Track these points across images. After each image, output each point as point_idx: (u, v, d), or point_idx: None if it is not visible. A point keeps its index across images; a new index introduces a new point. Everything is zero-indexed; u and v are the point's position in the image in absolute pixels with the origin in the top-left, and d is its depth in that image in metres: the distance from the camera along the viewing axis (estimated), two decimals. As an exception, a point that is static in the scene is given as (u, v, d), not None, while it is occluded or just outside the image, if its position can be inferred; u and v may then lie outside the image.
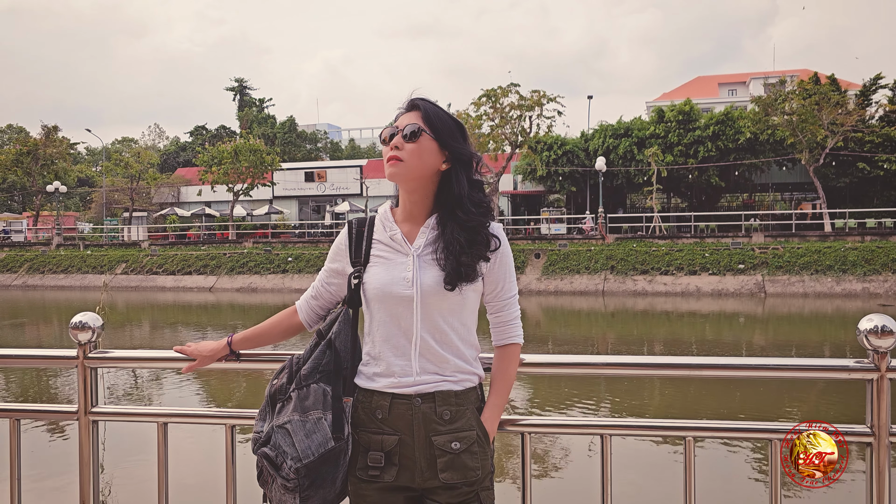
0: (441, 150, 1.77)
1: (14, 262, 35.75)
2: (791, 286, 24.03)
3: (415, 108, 1.79)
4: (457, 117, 1.85)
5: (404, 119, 1.78)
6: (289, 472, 1.70)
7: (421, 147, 1.74)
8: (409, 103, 1.80)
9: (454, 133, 1.78)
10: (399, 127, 1.77)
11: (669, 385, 10.09)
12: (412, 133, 1.74)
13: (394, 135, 1.76)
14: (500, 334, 1.88)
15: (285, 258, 31.18)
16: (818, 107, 28.97)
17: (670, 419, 1.95)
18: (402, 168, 1.75)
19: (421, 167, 1.76)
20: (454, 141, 1.77)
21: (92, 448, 2.15)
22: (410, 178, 1.77)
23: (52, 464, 6.75)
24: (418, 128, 1.74)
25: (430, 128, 1.75)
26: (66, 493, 5.81)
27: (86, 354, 2.13)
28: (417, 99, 1.80)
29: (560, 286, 26.40)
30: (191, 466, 6.51)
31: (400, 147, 1.74)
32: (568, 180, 36.82)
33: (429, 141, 1.75)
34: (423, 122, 1.75)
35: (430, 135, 1.74)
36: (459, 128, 1.80)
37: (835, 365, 1.86)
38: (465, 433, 1.75)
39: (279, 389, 1.83)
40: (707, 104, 51.30)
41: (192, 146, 59.94)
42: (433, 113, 1.77)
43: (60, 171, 45.52)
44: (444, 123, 1.77)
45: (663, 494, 5.93)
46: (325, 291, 1.95)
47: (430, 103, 1.79)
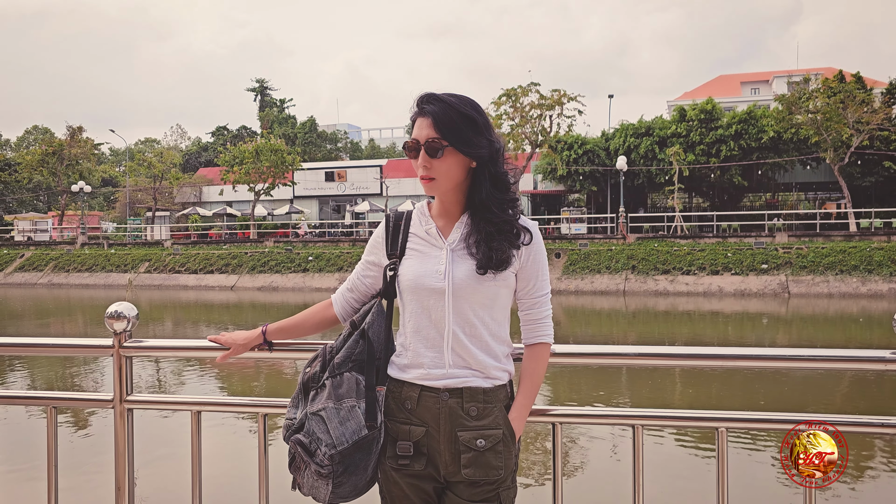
0: (465, 156, 1.76)
1: (40, 260, 36.30)
2: (815, 286, 23.75)
3: (424, 114, 1.75)
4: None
5: (420, 129, 1.75)
6: (323, 458, 1.72)
7: (447, 162, 1.74)
8: (418, 107, 1.77)
9: (468, 137, 1.73)
10: (420, 142, 1.75)
11: (693, 383, 10.02)
12: (433, 151, 1.73)
13: (416, 149, 1.76)
14: (530, 333, 1.88)
15: (306, 257, 31.36)
16: (843, 105, 28.59)
17: (702, 410, 1.94)
18: (436, 185, 1.77)
19: (452, 178, 1.77)
20: (471, 146, 1.74)
21: (127, 435, 2.18)
22: (446, 190, 1.80)
23: (80, 454, 6.85)
24: (437, 143, 1.72)
25: (446, 139, 1.72)
26: (97, 481, 5.90)
27: (121, 343, 2.17)
28: (424, 102, 1.76)
29: (581, 286, 26.30)
30: (212, 455, 6.58)
31: (428, 166, 1.75)
32: (588, 180, 36.64)
33: (451, 152, 1.74)
34: (436, 132, 1.72)
35: (449, 147, 1.73)
36: (472, 124, 1.74)
37: (870, 356, 1.84)
38: (491, 431, 1.75)
39: (312, 377, 1.85)
40: (729, 103, 50.81)
41: (213, 146, 60.46)
42: (443, 119, 1.72)
43: (85, 172, 46.18)
44: (456, 129, 1.72)
45: (690, 491, 5.89)
46: (361, 284, 1.97)
47: (438, 103, 1.74)
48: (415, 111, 1.79)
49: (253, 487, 2.19)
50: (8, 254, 37.93)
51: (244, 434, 7.83)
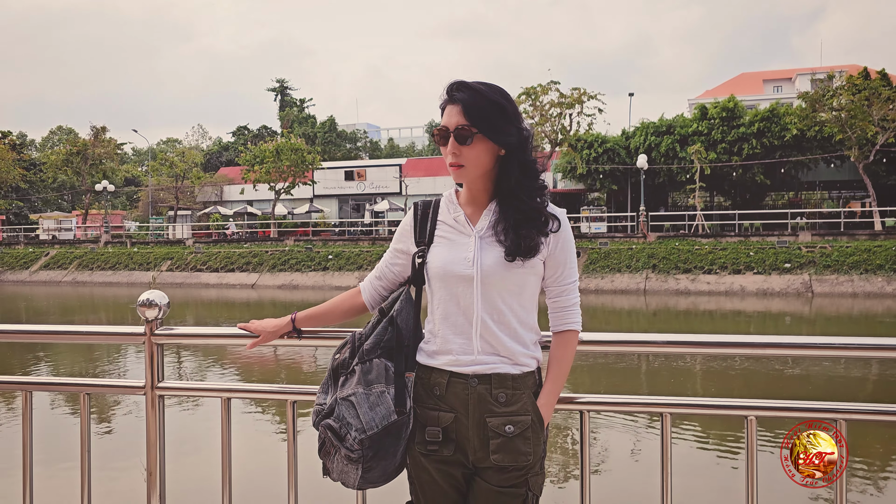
0: (494, 143, 1.77)
1: (64, 258, 36.80)
2: (840, 286, 23.44)
3: (454, 101, 1.76)
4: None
5: (450, 116, 1.77)
6: (353, 442, 1.73)
7: (476, 149, 1.75)
8: (448, 94, 1.78)
9: (498, 124, 1.74)
10: (449, 129, 1.76)
11: (716, 378, 9.95)
12: (463, 137, 1.74)
13: (446, 137, 1.77)
14: (558, 320, 1.88)
15: (326, 256, 31.51)
16: (868, 102, 28.19)
17: (730, 398, 1.93)
18: (464, 172, 1.78)
19: (481, 166, 1.78)
20: (501, 134, 1.75)
21: (158, 421, 2.22)
22: (475, 177, 1.80)
23: (106, 441, 6.94)
24: (466, 130, 1.73)
25: (476, 126, 1.73)
26: (125, 467, 5.98)
27: (153, 331, 2.20)
28: (454, 90, 1.77)
29: (601, 285, 26.17)
30: (236, 443, 6.64)
31: (458, 153, 1.75)
32: (608, 178, 36.42)
33: (480, 139, 1.75)
34: (466, 120, 1.73)
35: (479, 133, 1.74)
36: (501, 112, 1.75)
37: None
38: (519, 417, 1.76)
39: (342, 363, 1.87)
40: (751, 101, 50.30)
41: (234, 146, 60.95)
42: (473, 106, 1.74)
43: (108, 171, 46.75)
44: (486, 116, 1.73)
45: (714, 489, 5.85)
46: (389, 272, 1.98)
47: (468, 91, 1.75)
48: (444, 99, 1.79)
49: (280, 474, 2.22)
50: (33, 252, 38.51)
51: (266, 424, 7.91)
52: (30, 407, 2.29)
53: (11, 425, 7.81)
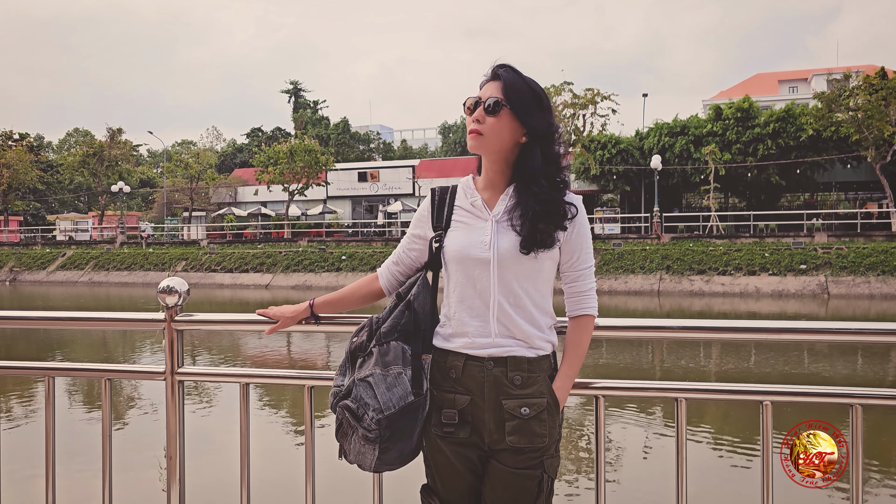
0: (520, 124, 1.79)
1: (81, 259, 37.16)
2: (856, 287, 23.23)
3: (496, 78, 1.80)
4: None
5: (487, 89, 1.80)
6: (370, 422, 1.75)
7: (501, 122, 1.77)
8: (492, 72, 1.82)
9: (531, 107, 1.78)
10: (482, 98, 1.79)
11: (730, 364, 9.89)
12: (493, 106, 1.77)
13: (477, 104, 1.80)
14: (575, 305, 1.90)
15: (339, 256, 31.61)
16: (885, 102, 27.94)
17: (746, 384, 1.93)
18: (482, 141, 1.79)
19: (500, 141, 1.79)
20: (530, 116, 1.78)
21: (178, 406, 2.25)
22: (490, 151, 1.82)
23: (122, 434, 7.01)
24: (498, 102, 1.76)
25: (508, 102, 1.76)
26: (141, 459, 6.04)
27: (172, 318, 2.23)
28: (499, 67, 1.81)
29: (614, 286, 26.09)
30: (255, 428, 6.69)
31: (481, 120, 1.78)
32: (622, 179, 36.29)
33: (508, 115, 1.77)
34: (502, 95, 1.77)
35: (508, 109, 1.77)
36: (537, 100, 1.79)
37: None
38: (535, 400, 1.77)
39: (359, 346, 1.89)
40: (766, 102, 49.95)
41: (248, 147, 61.26)
42: (512, 85, 1.78)
43: (124, 173, 47.19)
44: (521, 96, 1.77)
45: (732, 481, 5.83)
46: (406, 257, 2.00)
47: (512, 72, 1.80)
48: (486, 77, 1.83)
49: (297, 461, 2.24)
50: (50, 252, 38.91)
51: (281, 413, 7.95)
52: (52, 392, 2.32)
53: (28, 422, 7.89)
